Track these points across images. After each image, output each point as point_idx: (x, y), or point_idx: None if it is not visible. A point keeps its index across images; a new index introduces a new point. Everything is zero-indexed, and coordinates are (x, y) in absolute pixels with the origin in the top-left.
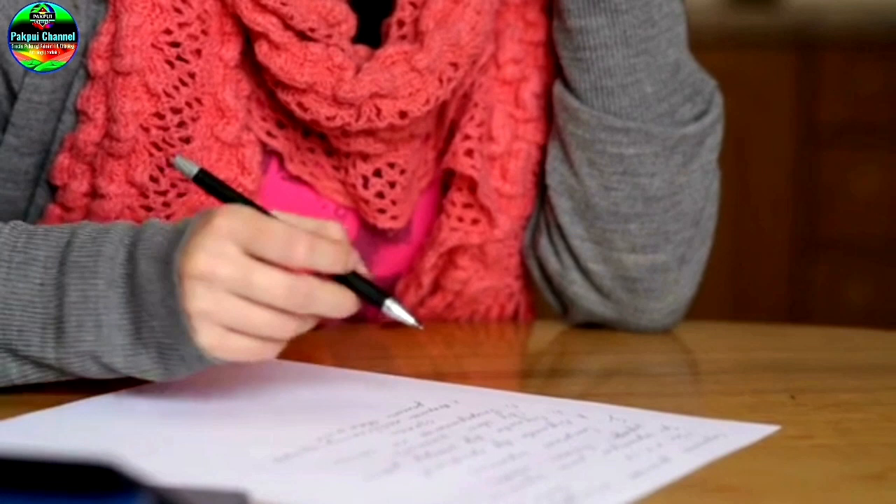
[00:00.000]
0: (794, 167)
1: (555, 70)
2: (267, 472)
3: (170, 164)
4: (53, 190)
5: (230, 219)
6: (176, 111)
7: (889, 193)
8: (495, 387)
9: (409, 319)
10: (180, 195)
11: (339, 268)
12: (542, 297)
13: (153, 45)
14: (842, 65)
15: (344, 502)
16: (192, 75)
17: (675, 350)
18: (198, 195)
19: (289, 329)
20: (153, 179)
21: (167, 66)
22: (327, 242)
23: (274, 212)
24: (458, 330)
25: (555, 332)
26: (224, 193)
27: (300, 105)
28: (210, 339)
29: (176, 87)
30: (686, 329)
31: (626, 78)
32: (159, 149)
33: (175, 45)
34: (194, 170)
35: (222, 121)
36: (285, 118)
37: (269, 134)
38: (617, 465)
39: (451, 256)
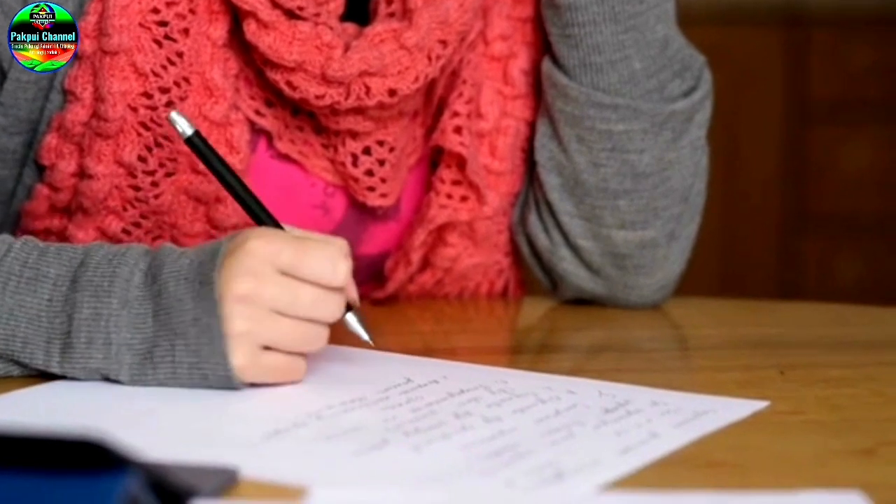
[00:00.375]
0: (783, 143)
1: (543, 46)
2: (256, 448)
3: (158, 144)
4: (41, 170)
5: (266, 241)
6: (164, 90)
7: (879, 169)
8: (485, 363)
9: (364, 335)
10: (169, 175)
11: (352, 286)
12: (531, 274)
13: (141, 25)
14: (832, 41)
15: (334, 478)
16: (179, 54)
17: (664, 326)
18: (186, 175)
19: (321, 339)
20: (141, 159)
21: (155, 46)
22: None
23: (287, 227)
24: (447, 306)
25: (544, 308)
26: (211, 163)
27: (289, 84)
28: (243, 359)
29: (164, 67)
30: (675, 305)
31: (615, 54)
32: (147, 128)
33: (163, 24)
34: (189, 131)
35: (210, 100)
36: (274, 97)
37: (257, 113)
38: (606, 441)
39: (440, 233)
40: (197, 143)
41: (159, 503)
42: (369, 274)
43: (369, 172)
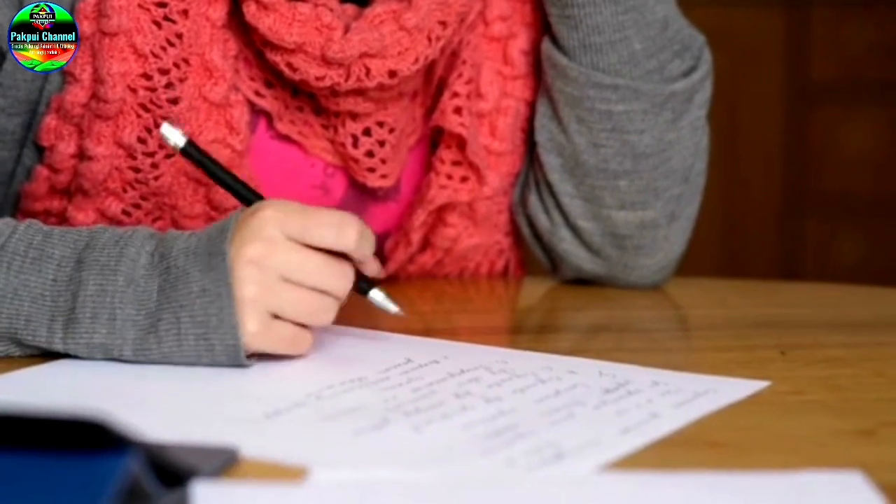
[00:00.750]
0: (784, 124)
1: (542, 27)
2: (256, 427)
3: (157, 125)
4: (41, 151)
5: (278, 210)
6: (163, 72)
7: (879, 150)
8: (485, 343)
9: (392, 308)
10: (169, 156)
11: (372, 261)
12: (531, 254)
13: (140, 6)
14: (832, 20)
15: (333, 458)
16: (179, 36)
17: (664, 306)
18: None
19: (332, 310)
20: (141, 141)
21: (154, 27)
22: (368, 231)
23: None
24: (448, 286)
25: (544, 288)
26: (210, 168)
27: (289, 65)
28: (255, 325)
29: (163, 48)
30: (676, 285)
31: (615, 35)
32: (147, 110)
33: (162, 5)
34: (181, 142)
35: (210, 81)
36: (273, 77)
37: (257, 93)
38: (606, 421)
39: (440, 214)
40: (191, 153)
41: (160, 483)
42: None
43: (369, 153)
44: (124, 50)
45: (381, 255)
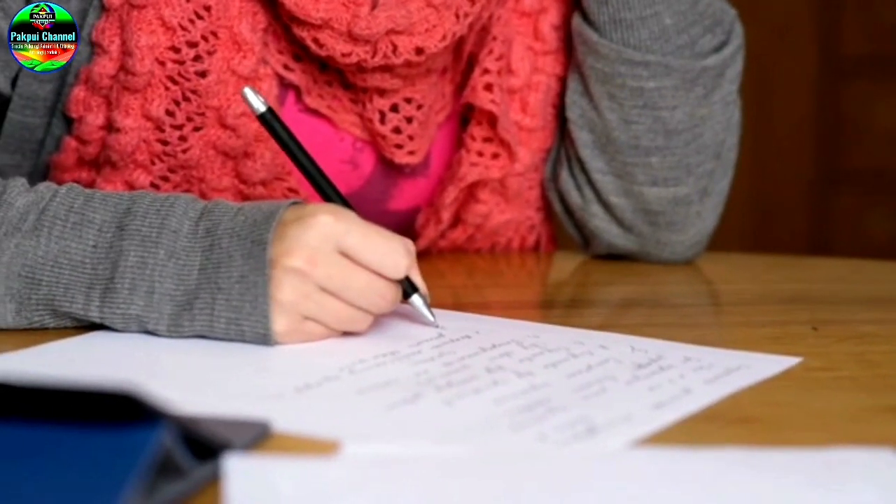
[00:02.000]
0: (815, 99)
1: (573, 1)
2: (288, 401)
3: (185, 98)
4: (69, 122)
5: (336, 218)
6: (192, 45)
7: None
8: (516, 317)
9: (429, 317)
10: (196, 129)
11: (423, 287)
12: (563, 229)
13: None
14: None
15: (365, 432)
16: (207, 8)
17: (696, 281)
18: (214, 130)
19: (366, 323)
20: (169, 113)
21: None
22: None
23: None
24: (479, 260)
25: (576, 263)
26: (283, 139)
27: (316, 41)
28: (285, 326)
29: (191, 21)
30: (707, 260)
31: (645, 10)
32: (175, 82)
33: None
34: (262, 107)
35: (238, 54)
36: (302, 51)
37: (286, 67)
38: (639, 397)
39: (471, 190)
40: (269, 120)
41: (192, 456)
42: (399, 230)
43: (397, 130)
44: (153, 22)
45: (411, 231)
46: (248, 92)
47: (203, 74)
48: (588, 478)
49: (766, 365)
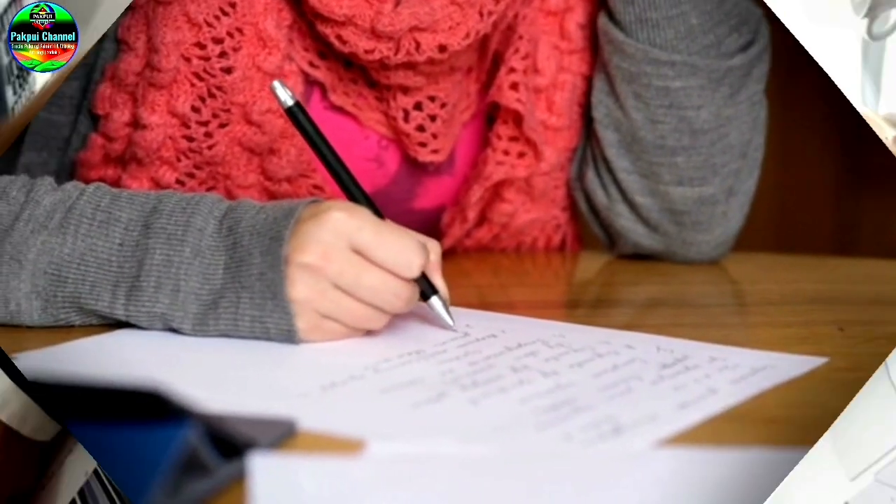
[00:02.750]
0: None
1: (598, 0)
2: (313, 399)
3: (211, 95)
4: (95, 119)
5: (349, 215)
6: (217, 41)
7: None
8: (542, 316)
9: (447, 319)
10: (222, 125)
11: (443, 289)
12: (588, 228)
13: None
14: None
15: (390, 431)
16: (232, 5)
17: (721, 281)
18: (240, 126)
19: (382, 321)
20: (195, 110)
21: None
22: (437, 263)
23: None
24: (504, 259)
25: (601, 263)
26: (310, 134)
27: (339, 38)
28: (307, 323)
29: (217, 17)
30: (733, 260)
31: (672, 10)
32: (201, 79)
33: None
34: (290, 101)
35: (264, 51)
36: (327, 48)
37: (311, 64)
38: (664, 396)
39: (497, 189)
40: (296, 114)
41: (218, 454)
42: (424, 228)
43: (420, 128)
44: (178, 19)
45: (436, 229)
46: (276, 85)
47: (228, 71)
48: (613, 477)
49: (791, 365)
